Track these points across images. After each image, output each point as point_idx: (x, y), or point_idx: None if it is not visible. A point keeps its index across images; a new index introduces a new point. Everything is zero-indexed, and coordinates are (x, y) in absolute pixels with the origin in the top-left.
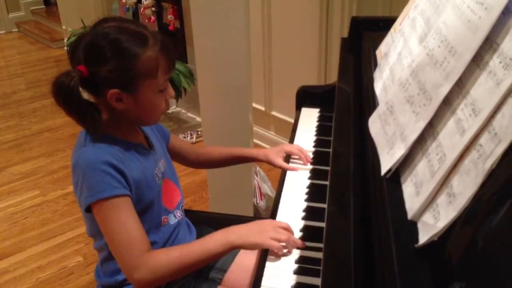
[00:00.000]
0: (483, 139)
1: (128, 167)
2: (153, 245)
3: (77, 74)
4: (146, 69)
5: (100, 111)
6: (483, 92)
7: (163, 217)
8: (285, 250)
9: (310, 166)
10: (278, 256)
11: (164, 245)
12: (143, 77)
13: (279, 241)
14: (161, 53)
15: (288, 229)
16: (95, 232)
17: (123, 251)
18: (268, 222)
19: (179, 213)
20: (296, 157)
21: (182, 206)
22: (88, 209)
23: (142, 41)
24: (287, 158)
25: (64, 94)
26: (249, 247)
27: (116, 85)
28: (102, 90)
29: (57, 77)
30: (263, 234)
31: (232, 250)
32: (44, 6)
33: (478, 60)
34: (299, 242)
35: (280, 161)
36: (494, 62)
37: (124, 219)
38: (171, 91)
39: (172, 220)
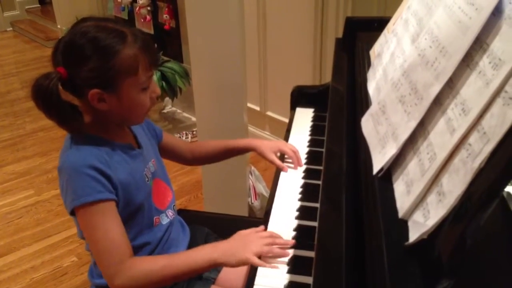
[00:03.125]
0: (472, 138)
1: (114, 170)
2: (146, 245)
3: (56, 76)
4: (126, 66)
5: (81, 112)
6: (473, 92)
7: (155, 218)
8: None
9: (303, 167)
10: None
11: (157, 245)
12: (124, 75)
13: (262, 255)
14: (141, 50)
15: (272, 240)
16: None
17: (105, 256)
18: (250, 235)
19: (171, 213)
20: (290, 160)
21: (174, 205)
22: (73, 213)
23: (121, 39)
24: (282, 157)
25: (43, 97)
26: (233, 265)
27: (96, 85)
28: (84, 91)
29: (36, 80)
30: (245, 251)
31: (217, 267)
32: (39, 5)
33: (468, 60)
34: (287, 243)
35: (272, 156)
36: (484, 62)
37: (107, 224)
38: (156, 89)
39: (164, 220)
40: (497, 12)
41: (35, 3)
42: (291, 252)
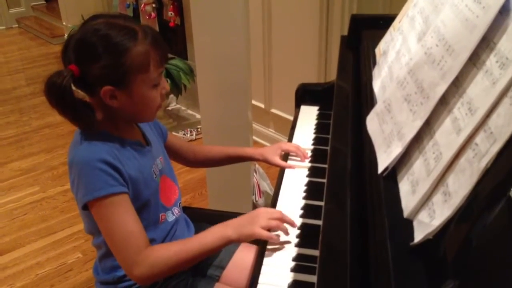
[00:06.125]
0: (479, 138)
1: (124, 165)
2: (151, 242)
3: (69, 73)
4: (138, 63)
5: (94, 109)
6: (480, 91)
7: (160, 215)
8: (277, 234)
9: (308, 164)
10: (275, 244)
11: (162, 242)
12: (135, 72)
13: (270, 228)
14: (152, 47)
15: (280, 215)
16: (93, 229)
17: (123, 248)
18: (260, 211)
19: (177, 210)
20: (294, 154)
21: (180, 203)
22: (85, 207)
23: (132, 36)
24: (285, 157)
25: (56, 94)
26: (243, 239)
27: (109, 82)
28: (96, 88)
29: (49, 77)
30: (253, 225)
31: (230, 244)
32: (44, 2)
33: (475, 59)
34: (292, 222)
35: (277, 159)
36: (491, 62)
37: (122, 216)
38: (166, 85)
39: (170, 217)
40: (504, 11)
41: (41, 0)
42: (295, 250)
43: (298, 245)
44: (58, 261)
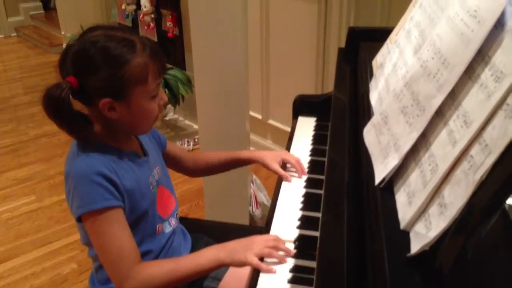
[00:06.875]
0: (474, 150)
1: (120, 177)
2: (148, 254)
3: (67, 85)
4: (136, 75)
5: (91, 121)
6: (475, 104)
7: (157, 226)
8: (273, 263)
9: (305, 177)
10: (273, 263)
11: (159, 254)
12: (134, 84)
13: (262, 256)
14: (150, 59)
15: (276, 244)
16: (89, 240)
17: (114, 262)
18: (255, 238)
19: (173, 221)
20: (293, 169)
21: (177, 214)
22: (80, 219)
23: (130, 48)
24: (284, 167)
25: (54, 107)
26: (235, 265)
27: (107, 94)
28: (94, 100)
29: (47, 90)
30: (247, 251)
31: (222, 267)
32: (43, 11)
33: (470, 73)
34: (288, 251)
35: (275, 166)
36: (486, 75)
37: (115, 231)
38: (164, 96)
39: (167, 229)
40: (499, 25)
41: (40, 9)
42: (292, 261)
43: (295, 256)
44: (54, 271)
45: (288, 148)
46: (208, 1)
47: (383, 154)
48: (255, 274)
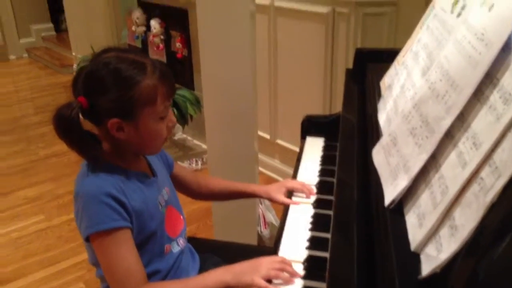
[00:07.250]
0: (484, 173)
1: (129, 198)
2: (156, 274)
3: (77, 105)
4: (146, 97)
5: (101, 142)
6: (484, 126)
7: (166, 246)
8: (280, 284)
9: (312, 199)
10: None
11: (167, 274)
12: (143, 105)
13: (269, 278)
14: (160, 81)
15: (283, 265)
16: (97, 261)
17: (121, 283)
18: (262, 260)
19: (182, 241)
20: (299, 194)
21: (185, 233)
22: (88, 239)
23: (141, 70)
24: (290, 194)
25: (64, 126)
26: (242, 286)
27: (116, 114)
28: (103, 120)
29: (57, 109)
30: (254, 274)
31: None
32: (54, 33)
33: (479, 95)
34: (294, 273)
35: (281, 197)
36: (495, 97)
37: (122, 252)
38: (173, 118)
39: (175, 248)
40: (506, 48)
41: (51, 30)
42: (302, 283)
43: (305, 277)
44: None
45: (296, 169)
46: (217, 23)
47: (393, 175)
48: None
